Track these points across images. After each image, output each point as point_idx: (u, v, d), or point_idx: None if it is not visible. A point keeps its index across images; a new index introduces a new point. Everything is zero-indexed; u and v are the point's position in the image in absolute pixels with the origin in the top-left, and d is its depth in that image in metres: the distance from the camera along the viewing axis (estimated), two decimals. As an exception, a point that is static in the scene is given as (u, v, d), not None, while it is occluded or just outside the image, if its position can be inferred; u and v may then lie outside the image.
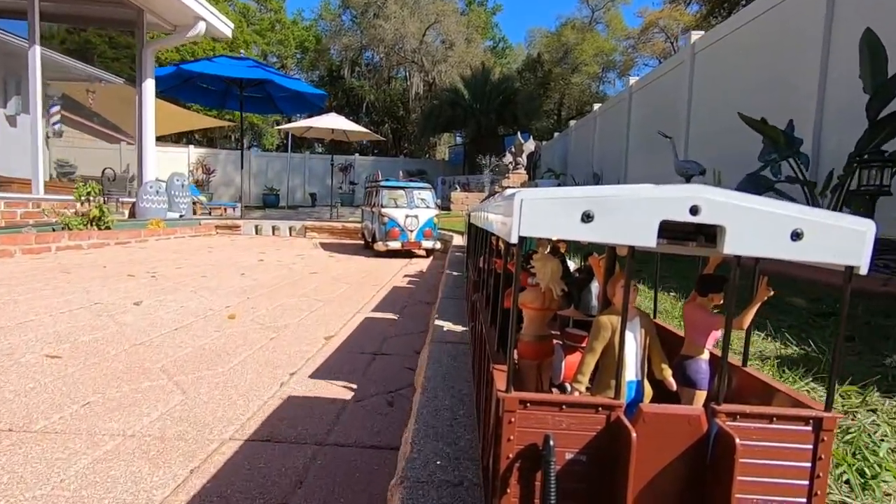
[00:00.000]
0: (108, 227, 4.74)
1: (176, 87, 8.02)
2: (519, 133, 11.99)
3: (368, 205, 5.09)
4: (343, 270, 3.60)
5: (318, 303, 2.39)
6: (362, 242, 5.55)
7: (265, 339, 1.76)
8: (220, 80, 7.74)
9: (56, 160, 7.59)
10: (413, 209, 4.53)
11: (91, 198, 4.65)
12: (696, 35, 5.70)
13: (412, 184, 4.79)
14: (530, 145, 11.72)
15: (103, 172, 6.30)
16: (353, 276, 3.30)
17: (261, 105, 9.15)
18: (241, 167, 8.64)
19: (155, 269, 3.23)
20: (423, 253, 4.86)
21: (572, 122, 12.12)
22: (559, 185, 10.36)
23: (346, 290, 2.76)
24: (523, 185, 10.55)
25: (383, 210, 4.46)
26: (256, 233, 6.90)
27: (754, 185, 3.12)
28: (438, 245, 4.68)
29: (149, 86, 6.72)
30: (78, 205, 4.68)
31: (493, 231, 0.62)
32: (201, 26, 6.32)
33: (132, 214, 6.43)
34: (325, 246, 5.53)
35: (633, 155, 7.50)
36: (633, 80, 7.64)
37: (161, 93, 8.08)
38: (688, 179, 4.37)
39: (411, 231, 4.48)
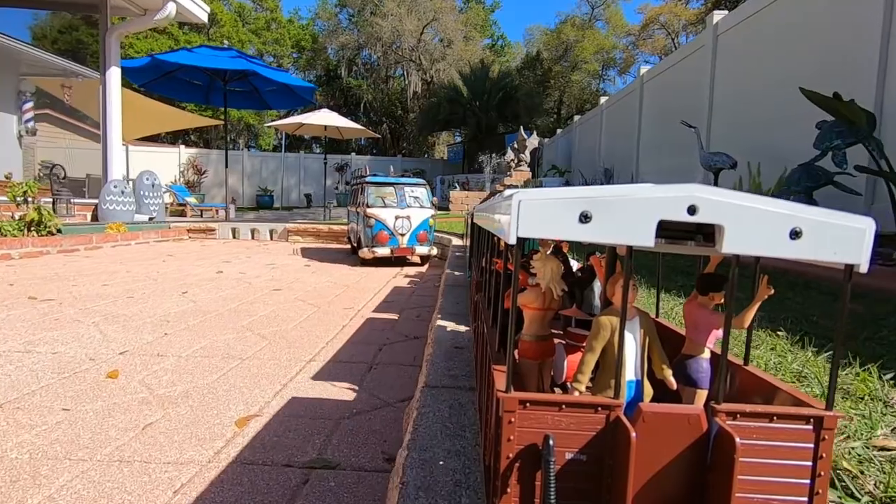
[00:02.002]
0: (50, 233, 4.21)
1: (156, 82, 7.46)
2: (522, 128, 11.66)
3: (354, 204, 4.42)
4: (315, 285, 3.00)
5: (259, 342, 1.77)
6: (349, 248, 4.94)
7: (132, 431, 1.06)
8: (203, 72, 7.25)
9: (41, 161, 7.40)
10: (404, 209, 3.88)
11: (29, 199, 4.11)
12: (718, 15, 5.08)
13: (403, 179, 4.12)
14: (534, 141, 11.40)
15: (51, 170, 5.82)
16: (324, 295, 2.71)
17: (247, 100, 8.65)
18: (226, 166, 8.23)
19: (72, 288, 2.67)
20: (417, 260, 4.23)
21: (576, 118, 11.82)
22: (566, 182, 10.18)
23: (308, 319, 2.15)
24: (527, 182, 10.36)
25: (369, 210, 3.81)
26: (234, 237, 6.32)
27: (811, 177, 2.70)
28: (435, 251, 4.08)
29: (113, 75, 6.25)
30: (14, 206, 4.18)
31: (493, 231, 0.62)
32: (170, 8, 5.94)
33: (94, 217, 5.90)
34: (305, 252, 4.94)
35: (645, 149, 7.04)
36: (644, 69, 7.19)
37: (140, 87, 7.65)
38: (716, 174, 3.95)
39: (402, 235, 3.83)
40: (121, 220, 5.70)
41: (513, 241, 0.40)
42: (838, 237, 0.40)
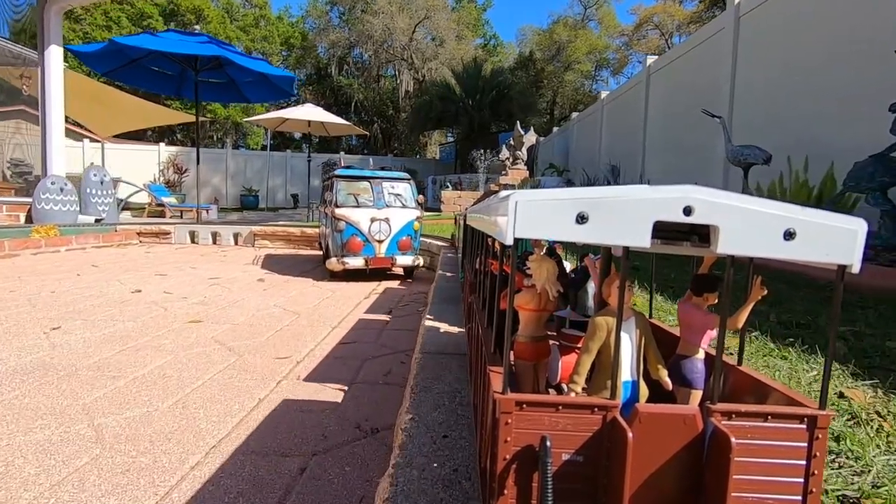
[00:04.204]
0: (-56, 238, 3.56)
1: (120, 70, 6.63)
2: (518, 123, 11.06)
3: (323, 203, 3.69)
4: (256, 313, 2.26)
5: (75, 456, 0.99)
6: (322, 255, 4.17)
7: None
8: (175, 61, 6.46)
9: (10, 159, 6.98)
10: (382, 209, 3.18)
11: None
12: (740, -7, 4.47)
13: (381, 173, 3.38)
14: (531, 137, 10.85)
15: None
16: (259, 330, 1.98)
17: (222, 92, 7.76)
18: (198, 163, 7.45)
19: None
20: (400, 272, 3.53)
21: (574, 115, 11.46)
22: (568, 181, 9.84)
23: (209, 383, 1.39)
24: (524, 181, 10.05)
25: (338, 211, 3.11)
26: (192, 241, 5.55)
27: (888, 171, 2.30)
28: (421, 261, 3.39)
29: (53, 54, 5.58)
30: None
31: (488, 232, 0.62)
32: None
33: (29, 219, 5.21)
34: (268, 260, 4.27)
35: (652, 147, 6.56)
36: (651, 59, 6.76)
37: (103, 75, 6.94)
38: (746, 169, 3.54)
39: (380, 241, 3.15)
40: (60, 221, 4.98)
41: (510, 241, 0.40)
42: (831, 238, 0.41)
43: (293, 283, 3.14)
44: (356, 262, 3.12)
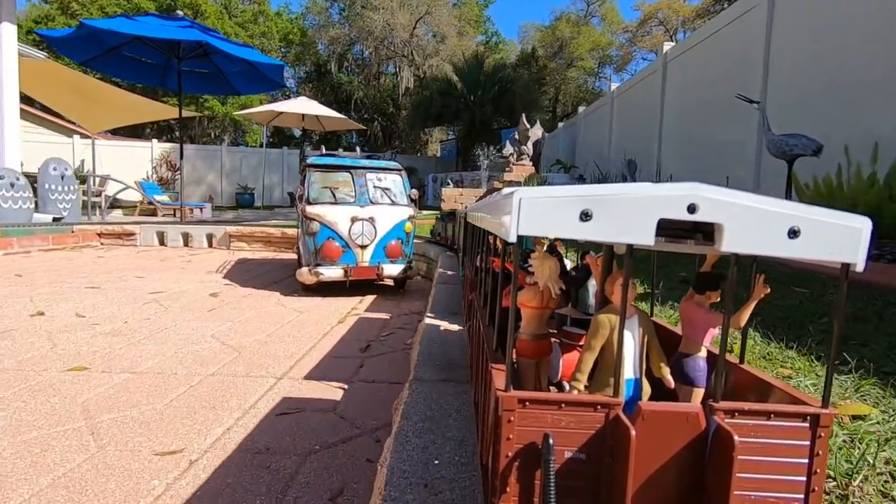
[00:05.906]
0: None
1: (99, 59, 6.05)
2: (524, 117, 10.47)
3: (299, 201, 3.13)
4: (176, 350, 1.67)
5: None
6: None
7: None
8: (156, 49, 5.98)
9: None
10: (366, 206, 2.62)
11: None
12: (777, -37, 4.01)
13: (365, 162, 2.78)
14: (537, 131, 10.25)
15: None
16: (166, 384, 1.37)
17: (209, 83, 7.17)
18: (181, 157, 6.87)
19: None
20: (389, 282, 2.94)
21: (581, 109, 11.16)
22: (580, 177, 9.61)
23: None
24: (530, 178, 9.83)
25: (310, 209, 2.56)
26: (161, 242, 5.15)
27: None
28: (414, 269, 2.87)
29: (7, 32, 5.06)
30: None
31: (490, 230, 0.62)
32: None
33: None
34: (238, 267, 3.76)
35: (668, 138, 6.13)
36: (667, 46, 6.34)
37: (80, 64, 6.51)
38: (791, 162, 3.09)
39: (362, 247, 2.58)
40: (11, 220, 4.60)
41: (513, 239, 0.40)
42: (835, 236, 0.40)
43: (253, 299, 2.55)
44: (333, 273, 2.54)
